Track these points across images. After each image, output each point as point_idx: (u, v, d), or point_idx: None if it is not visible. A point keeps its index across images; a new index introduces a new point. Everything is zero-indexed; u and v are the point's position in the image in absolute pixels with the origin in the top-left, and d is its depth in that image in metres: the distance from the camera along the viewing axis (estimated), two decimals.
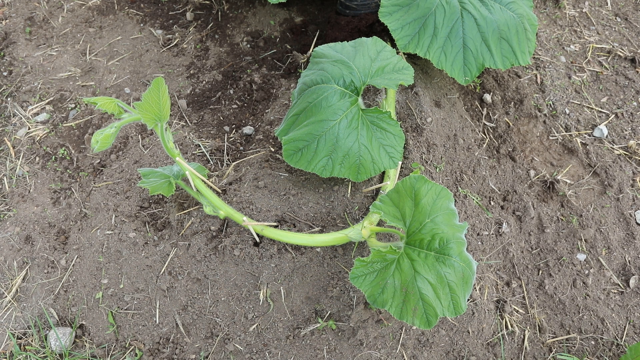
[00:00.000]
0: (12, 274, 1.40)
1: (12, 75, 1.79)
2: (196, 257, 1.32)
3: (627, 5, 2.05)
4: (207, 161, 1.52)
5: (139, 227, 1.40)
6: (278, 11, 1.91)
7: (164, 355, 1.27)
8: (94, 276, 1.36)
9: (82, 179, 1.53)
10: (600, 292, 1.40)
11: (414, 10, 1.38)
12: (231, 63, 1.78)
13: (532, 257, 1.44)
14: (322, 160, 1.21)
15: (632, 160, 1.60)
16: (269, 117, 1.58)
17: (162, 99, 0.99)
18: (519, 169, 1.57)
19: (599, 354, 1.32)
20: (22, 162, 1.58)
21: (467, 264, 1.01)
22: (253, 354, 1.25)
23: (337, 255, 1.30)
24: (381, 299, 1.04)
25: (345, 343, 1.23)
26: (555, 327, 1.35)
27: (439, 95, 1.60)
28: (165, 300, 1.31)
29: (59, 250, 1.41)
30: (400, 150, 1.22)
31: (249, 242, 1.31)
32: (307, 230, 1.32)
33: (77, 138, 1.62)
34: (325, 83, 1.24)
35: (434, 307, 1.00)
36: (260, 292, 1.28)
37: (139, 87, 1.73)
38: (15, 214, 1.48)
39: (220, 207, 1.25)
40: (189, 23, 1.90)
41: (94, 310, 1.33)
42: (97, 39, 1.86)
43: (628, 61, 1.85)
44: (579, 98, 1.74)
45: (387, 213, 1.07)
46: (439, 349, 1.26)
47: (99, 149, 1.03)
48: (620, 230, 1.48)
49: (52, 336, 1.29)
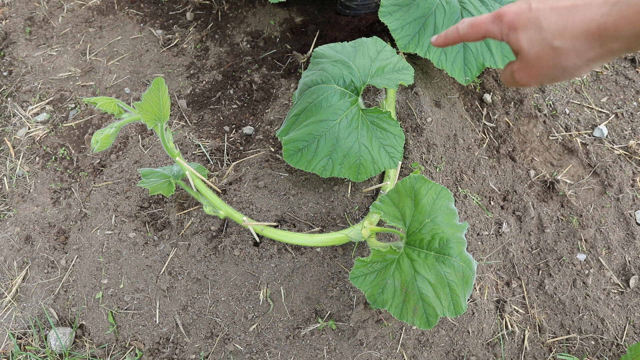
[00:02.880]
0: (12, 274, 1.40)
1: (12, 75, 1.79)
2: (196, 257, 1.32)
3: None
4: (207, 161, 1.52)
5: (139, 227, 1.40)
6: (278, 11, 1.91)
7: (164, 355, 1.27)
8: (94, 276, 1.36)
9: (82, 179, 1.53)
10: (600, 292, 1.40)
11: (414, 10, 1.38)
12: (231, 63, 1.78)
13: (532, 257, 1.44)
14: (322, 160, 1.21)
15: (632, 160, 1.60)
16: (269, 117, 1.58)
17: (162, 99, 0.99)
18: (519, 169, 1.57)
19: (599, 354, 1.32)
20: (22, 162, 1.58)
21: (467, 263, 1.01)
22: (253, 354, 1.25)
23: (337, 255, 1.30)
24: (381, 299, 1.04)
25: (345, 343, 1.23)
26: (555, 327, 1.35)
27: (439, 95, 1.60)
28: (165, 300, 1.31)
29: (59, 250, 1.41)
30: (400, 150, 1.22)
31: (249, 242, 1.31)
32: (307, 230, 1.32)
33: (77, 138, 1.62)
34: (325, 83, 1.24)
35: (434, 307, 1.00)
36: (260, 292, 1.28)
37: (139, 87, 1.73)
38: (15, 214, 1.48)
39: (220, 207, 1.25)
40: (189, 23, 1.90)
41: (94, 310, 1.33)
42: (97, 39, 1.86)
43: (628, 61, 1.85)
44: (579, 98, 1.74)
45: (387, 213, 1.07)
46: (439, 349, 1.26)
47: (99, 149, 1.02)
48: (620, 230, 1.48)
49: (52, 336, 1.29)
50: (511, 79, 0.65)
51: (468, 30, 0.66)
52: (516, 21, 0.59)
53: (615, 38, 0.53)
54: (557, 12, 0.56)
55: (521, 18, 0.59)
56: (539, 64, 0.59)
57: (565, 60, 0.57)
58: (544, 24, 0.57)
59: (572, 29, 0.55)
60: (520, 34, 0.59)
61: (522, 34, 0.59)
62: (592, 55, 0.56)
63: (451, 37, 0.69)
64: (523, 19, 0.59)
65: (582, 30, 0.54)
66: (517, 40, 0.60)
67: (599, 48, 0.55)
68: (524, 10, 0.59)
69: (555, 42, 0.56)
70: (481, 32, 0.65)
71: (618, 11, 0.52)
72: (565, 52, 0.56)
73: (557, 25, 0.56)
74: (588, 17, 0.54)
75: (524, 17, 0.59)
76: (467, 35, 0.66)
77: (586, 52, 0.55)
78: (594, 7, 0.54)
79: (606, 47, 0.54)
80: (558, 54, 0.57)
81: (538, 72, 0.60)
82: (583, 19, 0.54)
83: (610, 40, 0.53)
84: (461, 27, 0.67)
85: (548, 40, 0.57)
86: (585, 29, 0.54)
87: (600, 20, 0.53)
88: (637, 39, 0.52)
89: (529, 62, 0.60)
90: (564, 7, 0.56)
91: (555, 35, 0.56)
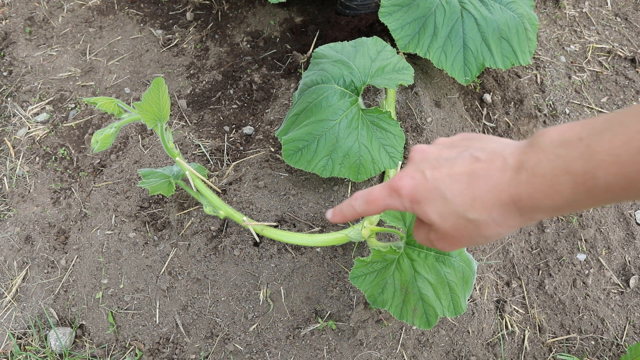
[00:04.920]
0: (12, 274, 1.40)
1: (12, 75, 1.79)
2: (196, 257, 1.32)
3: (627, 5, 2.05)
4: (207, 161, 1.52)
5: (139, 227, 1.40)
6: (278, 11, 1.91)
7: (164, 355, 1.27)
8: (94, 276, 1.36)
9: (82, 179, 1.53)
10: (600, 292, 1.40)
11: (414, 10, 1.38)
12: (231, 63, 1.78)
13: (532, 257, 1.44)
14: (322, 160, 1.21)
15: None
16: (269, 117, 1.58)
17: (162, 99, 0.99)
18: None
19: (599, 354, 1.32)
20: (22, 162, 1.58)
21: (467, 263, 1.01)
22: (253, 354, 1.25)
23: (337, 255, 1.30)
24: (381, 299, 1.04)
25: (345, 343, 1.23)
26: (555, 327, 1.35)
27: (439, 95, 1.60)
28: (165, 300, 1.31)
29: (59, 250, 1.41)
30: (400, 150, 1.22)
31: (249, 242, 1.31)
32: (307, 230, 1.32)
33: (77, 138, 1.62)
34: (325, 83, 1.24)
35: (434, 307, 1.00)
36: (260, 292, 1.28)
37: (139, 87, 1.73)
38: (15, 214, 1.48)
39: (220, 207, 1.25)
40: (189, 23, 1.90)
41: (94, 310, 1.33)
42: (97, 39, 1.86)
43: (628, 61, 1.85)
44: (579, 98, 1.74)
45: (387, 213, 1.07)
46: (439, 349, 1.26)
47: (99, 149, 1.02)
48: (620, 230, 1.48)
49: (52, 336, 1.29)
50: (430, 244, 0.57)
51: (365, 207, 0.57)
52: (416, 194, 0.51)
53: (534, 209, 0.45)
54: (457, 180, 0.49)
55: (420, 191, 0.51)
56: (458, 235, 0.51)
57: (486, 230, 0.49)
58: (448, 195, 0.49)
59: (482, 200, 0.47)
60: (426, 207, 0.51)
61: (428, 207, 0.51)
62: (514, 223, 0.48)
63: (348, 214, 0.60)
64: (423, 192, 0.51)
65: (494, 201, 0.47)
66: (425, 213, 0.51)
67: (520, 217, 0.47)
68: (420, 182, 0.51)
69: (468, 214, 0.48)
70: (380, 207, 0.56)
71: (527, 182, 0.44)
72: (485, 224, 0.49)
73: (464, 196, 0.48)
74: (494, 187, 0.46)
75: (423, 189, 0.51)
76: (367, 212, 0.58)
77: (506, 221, 0.48)
78: (495, 173, 0.46)
79: (528, 217, 0.47)
80: (476, 225, 0.49)
81: (460, 241, 0.53)
82: (489, 187, 0.47)
83: (529, 212, 0.46)
84: (356, 204, 0.58)
85: (460, 213, 0.49)
86: (497, 200, 0.46)
87: (510, 190, 0.45)
88: (560, 210, 0.45)
89: (447, 234, 0.52)
90: (463, 174, 0.48)
91: (466, 207, 0.48)
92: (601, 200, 0.42)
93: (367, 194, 0.57)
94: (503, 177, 0.46)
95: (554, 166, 0.42)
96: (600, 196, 0.41)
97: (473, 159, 0.49)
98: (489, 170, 0.47)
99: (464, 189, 0.48)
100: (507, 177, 0.46)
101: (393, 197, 0.54)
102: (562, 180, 0.42)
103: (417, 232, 0.59)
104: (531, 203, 0.45)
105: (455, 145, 0.53)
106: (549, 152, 0.43)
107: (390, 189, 0.54)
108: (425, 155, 0.54)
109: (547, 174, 0.43)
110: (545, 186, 0.43)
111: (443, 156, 0.52)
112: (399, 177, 0.53)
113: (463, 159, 0.50)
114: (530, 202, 0.45)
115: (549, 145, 0.43)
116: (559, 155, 0.42)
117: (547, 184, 0.43)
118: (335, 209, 0.62)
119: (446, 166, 0.50)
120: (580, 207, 0.44)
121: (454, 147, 0.53)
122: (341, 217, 0.62)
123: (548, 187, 0.43)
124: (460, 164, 0.50)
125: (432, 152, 0.54)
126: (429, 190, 0.50)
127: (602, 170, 0.40)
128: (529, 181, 0.44)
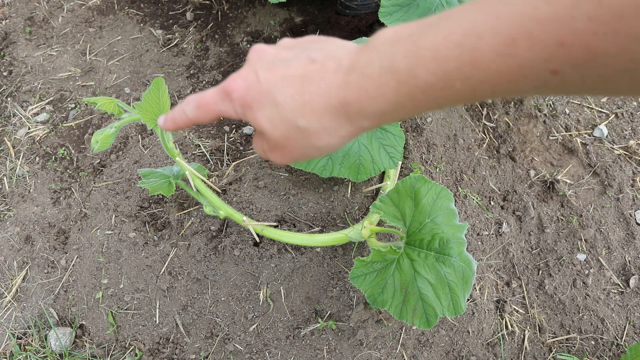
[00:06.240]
0: (12, 274, 1.40)
1: (12, 75, 1.79)
2: (196, 257, 1.32)
3: None
4: (207, 161, 1.52)
5: (139, 227, 1.40)
6: (278, 11, 1.91)
7: (164, 355, 1.27)
8: (94, 276, 1.36)
9: (82, 179, 1.53)
10: (600, 292, 1.40)
11: (414, 10, 1.38)
12: (231, 63, 1.78)
13: (532, 257, 1.44)
14: (321, 160, 1.21)
15: (632, 160, 1.60)
16: None
17: (162, 99, 0.99)
18: (519, 169, 1.57)
19: (599, 354, 1.32)
20: (22, 162, 1.58)
21: (467, 264, 1.01)
22: (253, 354, 1.25)
23: (337, 255, 1.30)
24: (381, 299, 1.04)
25: (345, 343, 1.23)
26: (555, 327, 1.35)
27: None
28: (165, 300, 1.31)
29: (59, 250, 1.41)
30: (400, 150, 1.22)
31: (249, 242, 1.31)
32: (307, 230, 1.32)
33: (77, 138, 1.62)
34: None
35: (433, 307, 1.00)
36: (260, 292, 1.28)
37: (139, 87, 1.73)
38: (15, 214, 1.48)
39: (220, 207, 1.25)
40: (189, 23, 1.90)
41: (94, 310, 1.33)
42: (97, 39, 1.86)
43: None
44: (579, 98, 1.74)
45: (387, 213, 1.07)
46: (439, 349, 1.26)
47: (99, 149, 1.02)
48: (620, 230, 1.48)
49: (52, 336, 1.29)
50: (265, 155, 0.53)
51: (196, 113, 0.52)
52: (247, 98, 0.46)
53: (361, 115, 0.42)
54: (289, 82, 0.44)
55: (252, 94, 0.46)
56: (290, 145, 0.47)
57: (317, 140, 0.45)
58: (279, 98, 0.44)
59: (312, 105, 0.43)
60: (257, 112, 0.46)
61: (259, 112, 0.46)
62: (344, 132, 0.44)
63: (179, 120, 0.55)
64: (254, 95, 0.46)
65: (324, 106, 0.43)
66: (256, 119, 0.47)
67: (350, 126, 0.43)
68: (253, 84, 0.46)
69: (298, 121, 0.44)
70: (213, 114, 0.51)
71: (356, 83, 0.40)
72: (315, 132, 0.44)
73: (294, 100, 0.44)
74: (325, 90, 0.42)
75: (254, 92, 0.46)
76: (199, 119, 0.53)
77: (337, 130, 0.44)
78: (328, 74, 0.42)
79: (357, 125, 0.43)
80: (307, 134, 0.45)
81: (292, 152, 0.48)
82: (320, 91, 0.42)
83: (356, 118, 0.42)
84: (187, 109, 0.53)
85: (290, 119, 0.44)
86: (326, 105, 0.42)
87: (339, 93, 0.41)
88: (386, 116, 0.41)
89: (278, 143, 0.48)
90: (296, 76, 0.44)
91: (296, 113, 0.44)
92: (423, 103, 0.39)
93: (199, 97, 0.52)
94: (335, 79, 0.42)
95: (381, 65, 0.39)
96: (421, 98, 0.38)
97: (309, 60, 0.44)
98: (322, 73, 0.43)
99: (295, 92, 0.43)
100: (339, 79, 0.42)
101: (225, 101, 0.49)
102: (387, 79, 0.39)
103: (255, 142, 0.54)
104: (358, 107, 0.41)
105: (296, 47, 0.48)
106: (381, 50, 0.39)
107: (222, 92, 0.49)
108: (262, 55, 0.49)
109: (374, 73, 0.39)
110: (372, 87, 0.40)
111: (280, 57, 0.47)
112: (231, 79, 0.48)
113: (299, 60, 0.45)
114: (357, 106, 0.41)
115: (382, 43, 0.40)
116: (388, 54, 0.39)
117: (374, 85, 0.39)
118: (167, 115, 0.57)
119: (281, 67, 0.45)
120: (404, 112, 0.40)
121: (294, 48, 0.48)
122: (172, 124, 0.56)
123: (374, 88, 0.39)
124: (295, 65, 0.45)
125: (269, 53, 0.49)
126: (260, 94, 0.46)
127: (423, 68, 0.36)
128: (357, 82, 0.40)
